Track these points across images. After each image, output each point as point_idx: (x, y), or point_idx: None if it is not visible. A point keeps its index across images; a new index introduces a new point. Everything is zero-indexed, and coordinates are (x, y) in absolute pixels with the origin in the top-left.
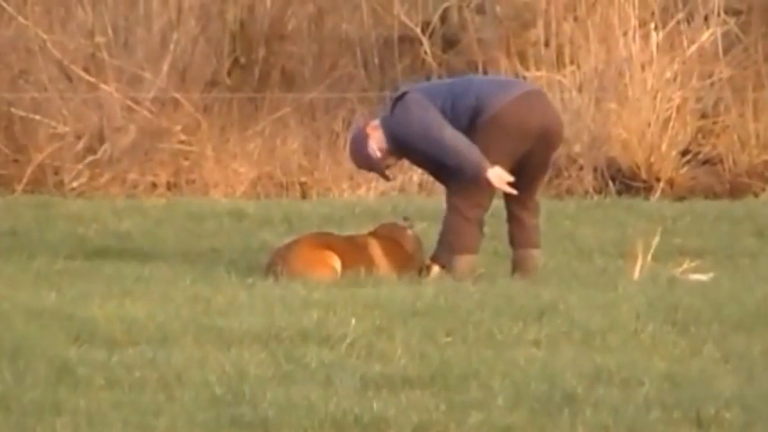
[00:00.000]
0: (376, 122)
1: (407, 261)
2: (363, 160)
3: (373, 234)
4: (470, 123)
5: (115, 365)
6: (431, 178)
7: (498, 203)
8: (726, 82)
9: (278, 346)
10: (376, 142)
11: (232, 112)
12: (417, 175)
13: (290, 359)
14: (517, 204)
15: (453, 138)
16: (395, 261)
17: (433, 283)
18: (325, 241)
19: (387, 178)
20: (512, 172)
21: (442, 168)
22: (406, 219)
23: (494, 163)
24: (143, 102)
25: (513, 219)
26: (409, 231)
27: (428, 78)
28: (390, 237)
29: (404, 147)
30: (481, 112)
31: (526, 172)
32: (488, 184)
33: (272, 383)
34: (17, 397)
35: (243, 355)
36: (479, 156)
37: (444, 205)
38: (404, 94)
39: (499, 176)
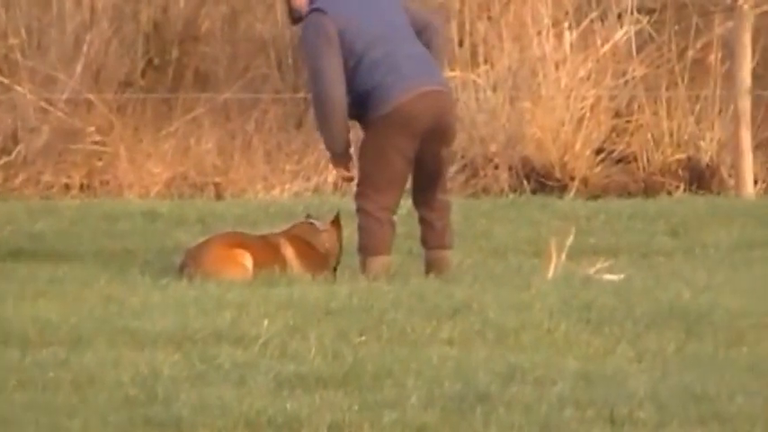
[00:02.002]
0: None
1: (320, 261)
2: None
3: (285, 234)
4: (363, 101)
5: (28, 366)
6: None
7: (410, 203)
8: (639, 80)
9: (191, 347)
10: (298, 5)
11: (146, 112)
12: (332, 175)
13: (204, 360)
14: (423, 206)
15: (333, 105)
16: (307, 261)
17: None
18: (237, 240)
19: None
20: (408, 172)
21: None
22: (308, 216)
23: (387, 158)
24: (57, 103)
25: (422, 220)
26: (323, 231)
27: None
28: (302, 237)
29: None
30: (376, 103)
31: (422, 172)
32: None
33: (186, 384)
34: None
35: (156, 355)
36: (342, 142)
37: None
38: (319, 10)
39: (340, 174)
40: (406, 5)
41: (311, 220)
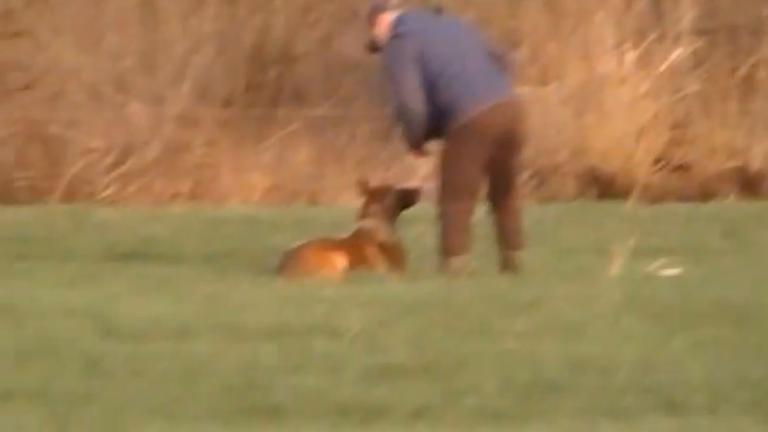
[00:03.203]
0: (387, 21)
1: (403, 261)
2: (368, 21)
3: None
4: (441, 115)
5: (141, 358)
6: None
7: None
8: (695, 96)
9: (288, 339)
10: (378, 35)
11: (247, 127)
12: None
13: (299, 350)
14: (499, 209)
15: (412, 115)
16: (392, 261)
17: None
18: (332, 244)
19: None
20: (483, 178)
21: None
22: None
23: (464, 166)
24: (166, 119)
25: (497, 223)
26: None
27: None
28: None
29: None
30: (453, 116)
31: (497, 178)
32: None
33: (283, 373)
34: (52, 388)
35: (256, 347)
36: (419, 141)
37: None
38: (401, 35)
39: (415, 156)
40: (482, 36)
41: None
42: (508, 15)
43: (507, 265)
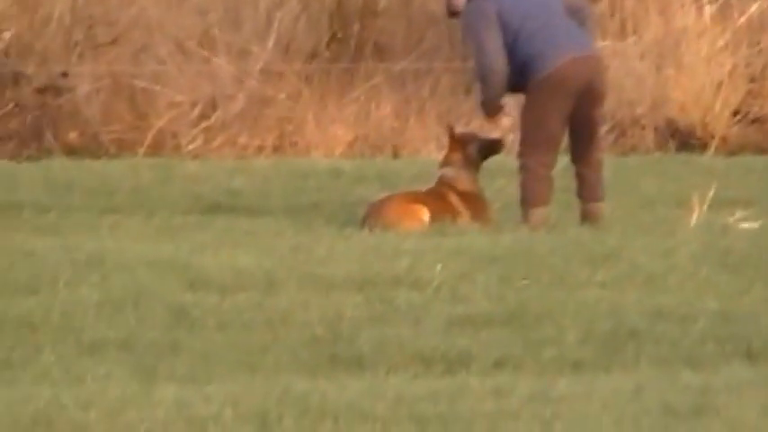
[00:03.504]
0: None
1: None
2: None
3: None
4: (522, 71)
5: (226, 309)
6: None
7: (567, 160)
8: None
9: (372, 290)
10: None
11: (330, 81)
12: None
13: (383, 302)
14: (580, 162)
15: (493, 74)
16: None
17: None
18: (416, 197)
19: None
20: (564, 131)
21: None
22: None
23: (546, 119)
24: (251, 73)
25: (578, 175)
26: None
27: None
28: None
29: None
30: (531, 73)
31: (578, 131)
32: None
33: (367, 324)
34: (139, 338)
35: (341, 298)
36: (494, 104)
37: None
38: None
39: (489, 121)
40: None
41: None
42: None
43: (588, 216)
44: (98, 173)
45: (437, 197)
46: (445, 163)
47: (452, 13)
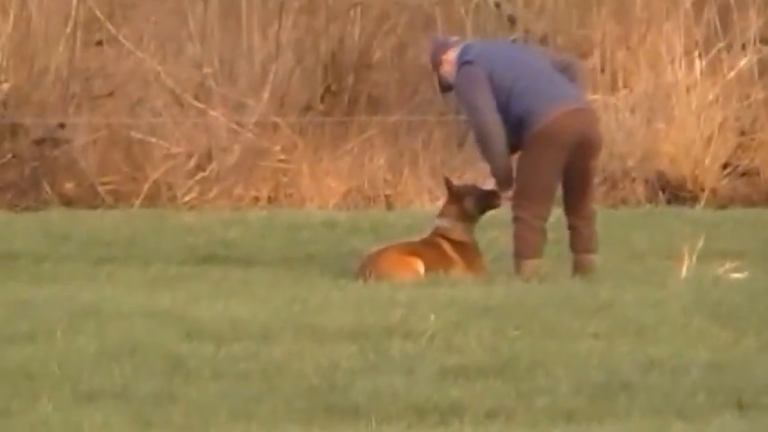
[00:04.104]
0: (452, 57)
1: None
2: (433, 64)
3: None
4: (515, 129)
5: (222, 359)
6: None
7: (560, 212)
8: (761, 103)
9: (366, 341)
10: (446, 73)
11: (325, 133)
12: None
13: (377, 352)
14: (573, 214)
15: (492, 134)
16: (470, 262)
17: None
18: (411, 248)
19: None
20: (558, 183)
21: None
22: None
23: (539, 171)
24: (246, 125)
25: (571, 226)
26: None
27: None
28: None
29: None
30: (527, 127)
31: (573, 182)
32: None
33: (362, 374)
34: (136, 388)
35: (335, 348)
36: (504, 168)
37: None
38: (468, 62)
39: (505, 197)
40: (546, 51)
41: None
42: (579, 24)
43: (581, 267)
44: (95, 223)
45: (431, 247)
46: (442, 214)
47: (445, 88)
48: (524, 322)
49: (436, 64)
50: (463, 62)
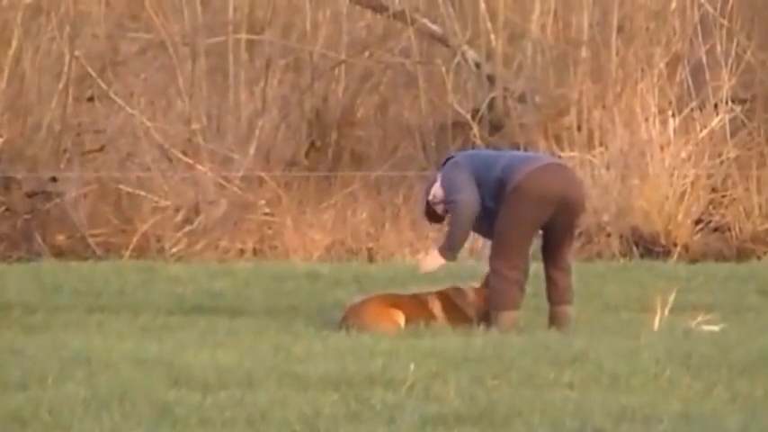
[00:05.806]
0: (437, 179)
1: (462, 318)
2: (422, 203)
3: (437, 293)
4: (498, 193)
5: (208, 406)
6: (479, 244)
7: (538, 266)
8: (733, 161)
9: (348, 389)
10: (435, 192)
11: (309, 187)
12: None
13: (359, 400)
14: (551, 266)
15: (462, 206)
16: (452, 317)
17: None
18: (393, 300)
19: (437, 220)
20: (534, 237)
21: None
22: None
23: (517, 225)
24: (233, 179)
25: (548, 279)
26: (469, 294)
27: (473, 147)
28: (450, 297)
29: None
30: (506, 184)
31: (553, 236)
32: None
33: (343, 422)
34: None
35: (318, 396)
36: (457, 239)
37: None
38: (452, 157)
39: (433, 265)
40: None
41: (459, 286)
42: (557, 84)
43: (557, 318)
44: (85, 274)
45: (413, 300)
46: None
47: (434, 218)
48: (502, 372)
49: (427, 196)
50: (447, 158)
